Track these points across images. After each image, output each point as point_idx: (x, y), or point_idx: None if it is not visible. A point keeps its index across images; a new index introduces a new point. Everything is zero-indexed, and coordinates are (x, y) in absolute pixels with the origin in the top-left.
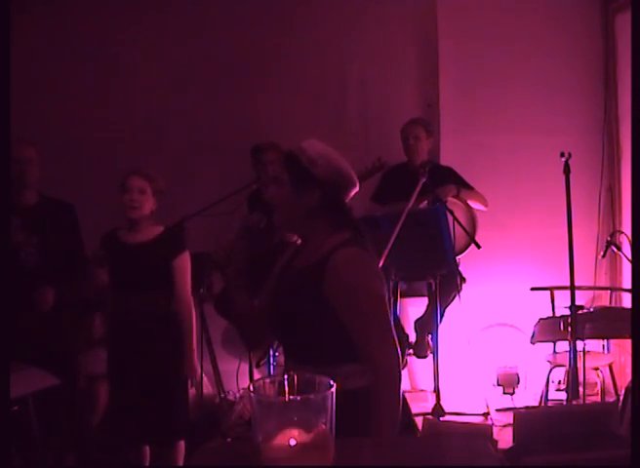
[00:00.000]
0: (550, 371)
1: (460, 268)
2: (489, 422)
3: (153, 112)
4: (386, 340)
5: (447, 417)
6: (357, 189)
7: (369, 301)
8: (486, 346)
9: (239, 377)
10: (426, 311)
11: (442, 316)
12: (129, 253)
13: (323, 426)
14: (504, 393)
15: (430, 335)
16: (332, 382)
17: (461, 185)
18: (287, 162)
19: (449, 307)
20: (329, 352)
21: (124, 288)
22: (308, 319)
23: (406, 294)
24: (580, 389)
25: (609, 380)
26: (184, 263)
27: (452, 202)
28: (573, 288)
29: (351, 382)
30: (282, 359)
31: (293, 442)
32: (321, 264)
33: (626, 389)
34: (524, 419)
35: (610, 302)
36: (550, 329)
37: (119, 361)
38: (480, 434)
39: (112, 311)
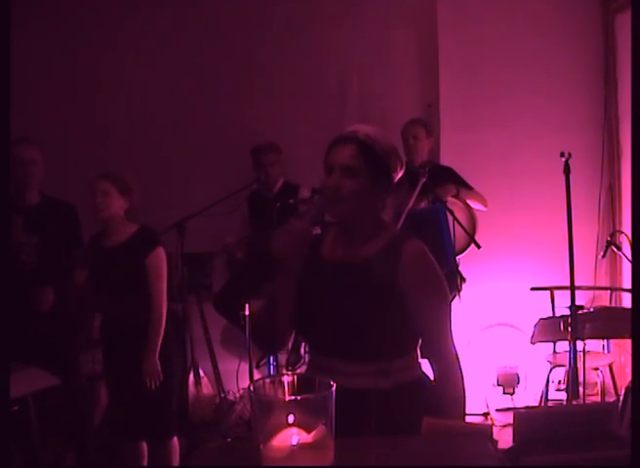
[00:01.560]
0: (550, 371)
1: (460, 268)
2: (489, 422)
3: (154, 114)
4: (450, 330)
5: None
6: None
7: (443, 292)
8: (486, 346)
9: (239, 377)
10: None
11: None
12: (105, 257)
13: (323, 426)
14: (504, 393)
15: None
16: (332, 382)
17: (461, 185)
18: (362, 152)
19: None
20: (387, 346)
21: (106, 290)
22: (376, 311)
23: None
24: (580, 389)
25: (609, 380)
26: (158, 261)
27: (452, 202)
28: (573, 288)
29: (402, 376)
30: (282, 359)
31: (293, 442)
32: (392, 254)
33: (626, 389)
34: (524, 419)
35: (610, 302)
36: (550, 329)
37: (109, 361)
38: (480, 434)
39: (102, 314)
